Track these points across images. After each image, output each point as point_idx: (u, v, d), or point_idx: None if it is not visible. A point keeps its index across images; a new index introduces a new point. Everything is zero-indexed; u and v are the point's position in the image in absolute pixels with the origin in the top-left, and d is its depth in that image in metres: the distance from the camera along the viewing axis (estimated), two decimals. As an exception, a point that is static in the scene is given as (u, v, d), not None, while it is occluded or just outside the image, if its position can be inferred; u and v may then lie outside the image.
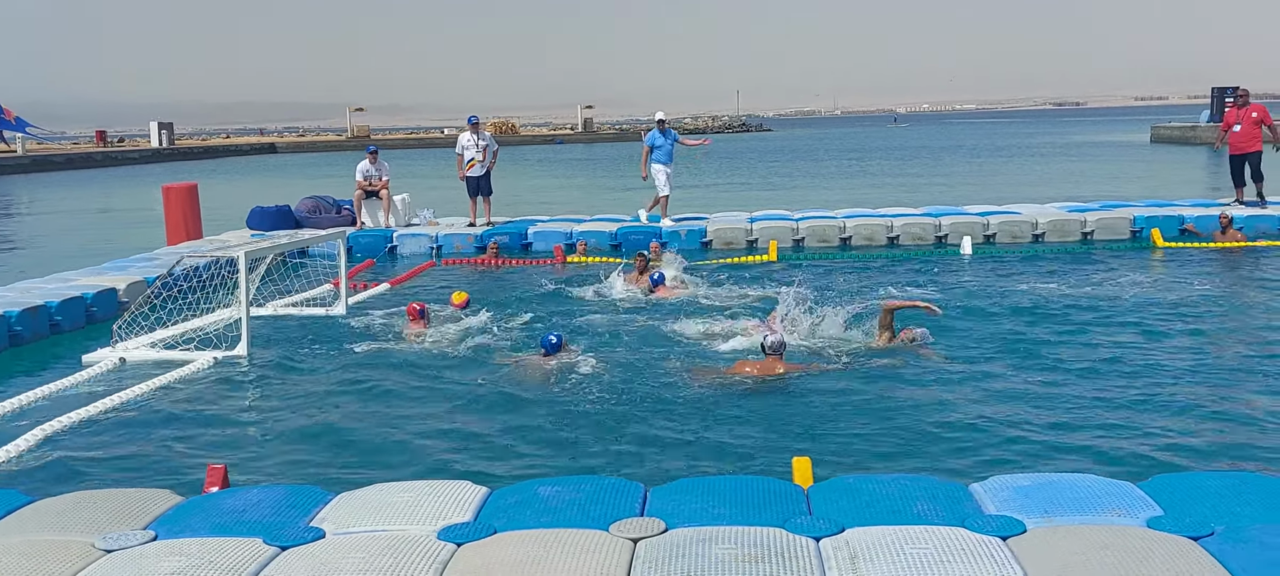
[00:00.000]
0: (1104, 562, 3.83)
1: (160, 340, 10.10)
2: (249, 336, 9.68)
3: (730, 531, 4.22)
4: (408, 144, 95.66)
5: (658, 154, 17.35)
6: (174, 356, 9.49)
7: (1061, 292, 11.32)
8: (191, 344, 9.86)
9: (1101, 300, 10.99)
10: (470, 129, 17.76)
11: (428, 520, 4.50)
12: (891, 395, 7.64)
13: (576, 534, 4.25)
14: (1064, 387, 7.68)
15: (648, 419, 7.31)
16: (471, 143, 17.57)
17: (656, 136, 17.39)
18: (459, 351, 9.57)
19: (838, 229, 16.31)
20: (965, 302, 11.03)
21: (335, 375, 8.91)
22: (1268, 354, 8.52)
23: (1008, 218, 16.34)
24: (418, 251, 16.72)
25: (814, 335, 9.22)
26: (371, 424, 7.43)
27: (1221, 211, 15.62)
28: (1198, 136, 53.26)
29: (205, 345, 9.80)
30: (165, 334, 10.32)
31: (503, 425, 7.32)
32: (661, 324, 10.37)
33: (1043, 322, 9.95)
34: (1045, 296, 11.07)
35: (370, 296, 12.80)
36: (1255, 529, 4.09)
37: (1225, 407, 7.18)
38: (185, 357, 9.43)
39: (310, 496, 4.86)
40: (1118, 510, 4.35)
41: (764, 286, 12.20)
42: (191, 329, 10.50)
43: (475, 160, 17.48)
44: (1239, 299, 10.79)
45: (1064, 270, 13.14)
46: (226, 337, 9.92)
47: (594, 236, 16.44)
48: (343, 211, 18.39)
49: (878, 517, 4.34)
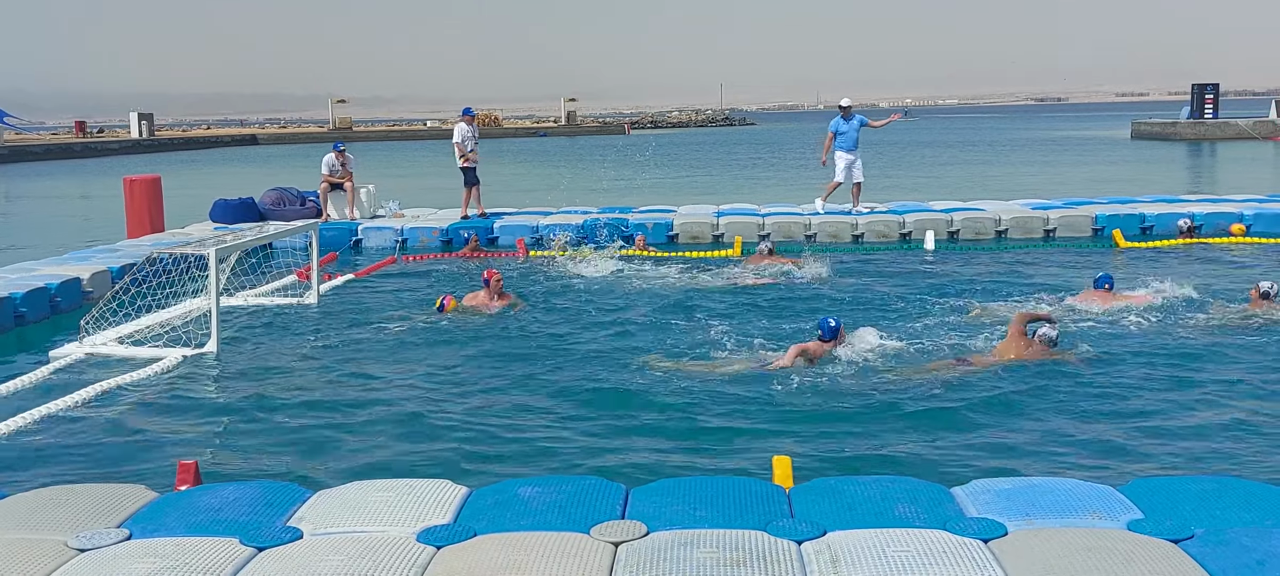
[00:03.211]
0: (1085, 565, 3.83)
1: (128, 336, 9.97)
2: (218, 333, 9.56)
3: (712, 534, 4.20)
4: (391, 136, 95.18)
5: (841, 140, 17.10)
6: (142, 353, 9.36)
7: (1038, 292, 11.29)
8: (160, 341, 9.73)
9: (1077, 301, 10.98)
10: (467, 121, 17.76)
11: (407, 521, 4.46)
12: (873, 395, 7.63)
13: (557, 537, 4.22)
14: (1044, 390, 7.67)
15: (634, 415, 7.29)
16: (471, 134, 17.54)
17: (840, 122, 17.12)
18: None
19: (803, 225, 16.37)
20: (940, 301, 11.06)
21: (308, 369, 8.83)
22: (1247, 357, 8.54)
23: (971, 214, 16.42)
24: (382, 245, 16.54)
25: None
26: (348, 418, 7.36)
27: (1183, 219, 15.58)
28: (1178, 132, 53.63)
29: (174, 341, 9.67)
30: (132, 328, 10.18)
31: (484, 420, 7.27)
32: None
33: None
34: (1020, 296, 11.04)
35: (333, 288, 12.69)
36: (1235, 532, 4.10)
37: (1205, 411, 7.19)
38: (154, 354, 9.30)
39: (287, 494, 4.81)
40: (1098, 513, 4.36)
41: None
42: (160, 323, 10.37)
43: (476, 150, 17.47)
44: (1218, 300, 10.81)
45: (1034, 269, 13.14)
46: (195, 333, 9.78)
47: (561, 228, 16.38)
48: (308, 203, 18.22)
49: (859, 520, 4.33)
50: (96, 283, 11.88)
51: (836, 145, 17.08)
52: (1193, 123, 53.37)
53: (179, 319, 10.48)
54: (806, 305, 11.04)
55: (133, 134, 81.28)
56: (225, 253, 10.43)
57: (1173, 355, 8.58)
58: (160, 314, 10.73)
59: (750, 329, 9.85)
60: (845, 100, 17.26)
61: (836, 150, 17.09)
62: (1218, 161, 38.91)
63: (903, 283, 12.37)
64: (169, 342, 9.65)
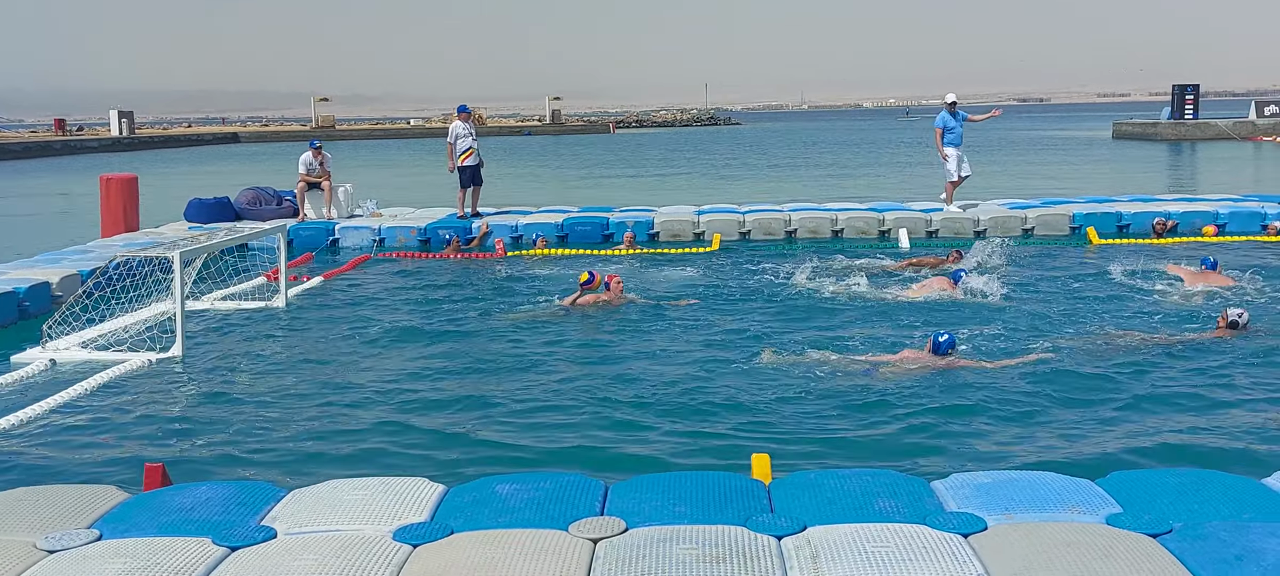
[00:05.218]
0: (1064, 559, 3.82)
1: (92, 340, 9.81)
2: (184, 335, 9.44)
3: (691, 530, 4.17)
4: (373, 134, 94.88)
5: (950, 137, 16.97)
6: (107, 357, 9.22)
7: (1014, 290, 11.31)
8: (124, 345, 9.58)
9: (1054, 297, 11.02)
10: (461, 118, 17.47)
11: (383, 520, 4.41)
12: (852, 388, 7.63)
13: (535, 534, 4.18)
14: (1023, 384, 7.69)
15: (613, 412, 7.26)
16: (466, 131, 17.24)
17: (948, 118, 17.00)
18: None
19: (783, 222, 16.40)
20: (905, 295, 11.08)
21: (277, 370, 8.73)
22: (1224, 353, 8.57)
23: (949, 214, 16.46)
24: (360, 244, 16.36)
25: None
26: (321, 419, 7.29)
27: (1158, 218, 15.65)
28: (1158, 133, 53.97)
29: (139, 344, 9.54)
30: (97, 332, 10.02)
31: (460, 418, 7.23)
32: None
33: (995, 319, 9.93)
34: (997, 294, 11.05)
35: (306, 289, 12.58)
36: (1213, 526, 4.10)
37: (1183, 405, 7.22)
38: (118, 357, 9.15)
39: (261, 493, 4.75)
40: (1077, 507, 4.35)
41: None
42: (125, 326, 10.22)
43: (472, 149, 17.22)
44: (1197, 296, 10.87)
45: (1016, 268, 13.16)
46: (161, 336, 9.64)
47: (540, 228, 16.31)
48: (284, 203, 18.03)
49: (839, 515, 4.31)
50: (66, 286, 11.60)
51: (946, 142, 16.95)
52: (1173, 123, 53.71)
53: (145, 322, 10.31)
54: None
55: (113, 132, 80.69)
56: (190, 255, 10.27)
57: (1152, 352, 8.60)
58: (126, 317, 10.54)
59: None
60: (951, 96, 17.17)
61: (946, 147, 16.96)
62: (1197, 161, 39.15)
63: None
64: (134, 346, 9.49)
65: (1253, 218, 15.97)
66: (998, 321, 9.82)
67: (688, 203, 19.72)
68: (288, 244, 12.63)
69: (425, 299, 11.90)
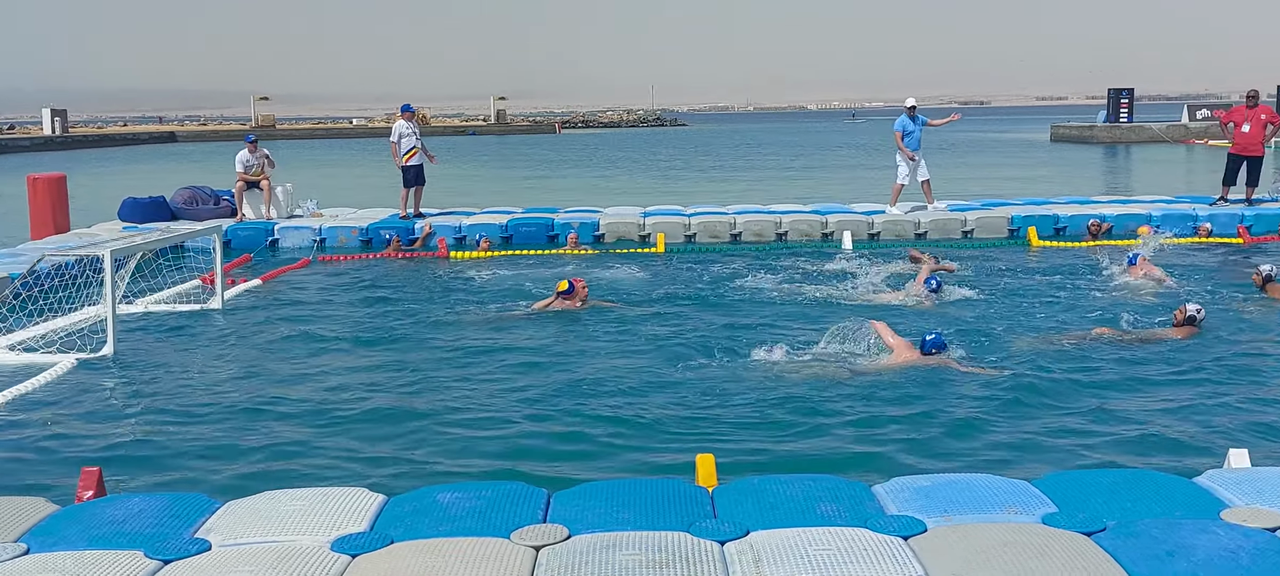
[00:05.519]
0: (1002, 560, 3.87)
1: (20, 342, 9.55)
2: (115, 336, 9.23)
3: (634, 536, 4.16)
4: (315, 134, 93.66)
5: (908, 140, 17.09)
6: (35, 361, 8.98)
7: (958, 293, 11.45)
8: (54, 346, 9.35)
9: (993, 300, 11.16)
10: (405, 117, 17.30)
11: (321, 530, 4.34)
12: (797, 394, 7.66)
13: (477, 543, 4.14)
14: (961, 387, 7.78)
15: (556, 418, 7.22)
16: (410, 130, 17.08)
17: (907, 122, 17.11)
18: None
19: (728, 225, 16.49)
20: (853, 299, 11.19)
21: (213, 376, 8.56)
22: (1158, 354, 8.75)
23: (891, 217, 16.67)
24: (300, 244, 16.14)
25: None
26: (258, 426, 7.16)
27: (1093, 219, 15.98)
28: (1094, 136, 55.08)
29: (69, 346, 9.31)
30: (25, 335, 9.76)
31: (401, 425, 7.13)
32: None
33: (931, 321, 10.00)
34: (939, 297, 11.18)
35: (244, 291, 12.38)
36: (1145, 523, 4.18)
37: (1117, 406, 7.35)
38: (48, 360, 8.92)
39: (195, 505, 4.65)
40: (1014, 508, 4.41)
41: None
42: (56, 329, 9.97)
43: (416, 148, 17.04)
44: (1134, 299, 11.08)
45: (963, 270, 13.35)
46: (92, 339, 9.42)
47: (484, 229, 16.20)
48: (222, 203, 17.75)
49: (782, 519, 4.33)
50: (-4, 286, 11.35)
51: (905, 145, 17.10)
52: (1109, 126, 54.84)
53: (76, 324, 10.07)
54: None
55: (45, 131, 78.75)
56: (122, 255, 10.04)
57: (1087, 353, 8.76)
58: (56, 320, 10.29)
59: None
60: (910, 100, 17.33)
61: (906, 149, 17.11)
62: (1132, 164, 40.02)
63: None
64: (64, 349, 9.25)
65: (1185, 219, 16.36)
66: (947, 324, 9.94)
67: (634, 204, 19.73)
68: (226, 245, 12.39)
69: (367, 302, 11.77)
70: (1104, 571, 3.80)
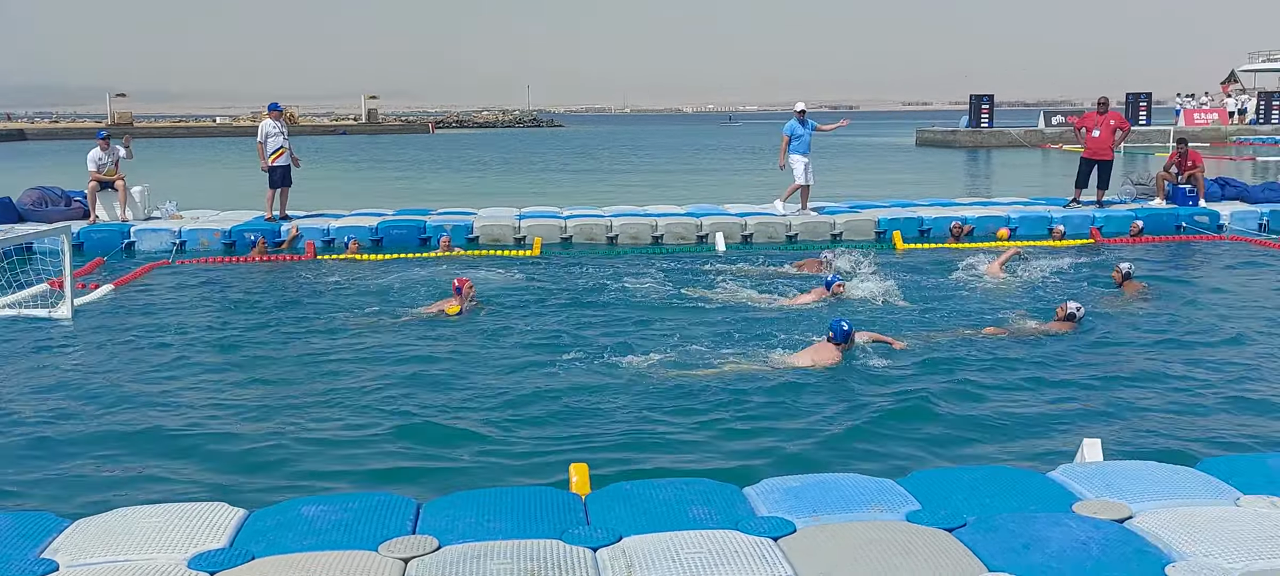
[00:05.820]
0: (868, 557, 3.97)
1: None
2: None
3: (505, 545, 4.11)
4: (176, 132, 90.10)
5: (797, 144, 17.10)
6: None
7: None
8: None
9: (860, 302, 11.42)
10: (272, 116, 16.70)
11: (177, 547, 4.15)
12: (670, 394, 7.71)
13: (343, 556, 4.02)
14: (837, 387, 7.95)
15: (428, 427, 7.09)
16: (277, 130, 16.50)
17: (796, 126, 17.14)
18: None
19: (605, 227, 16.53)
20: (727, 299, 11.35)
21: (62, 386, 8.13)
22: (1021, 351, 9.10)
23: (764, 219, 16.97)
24: (158, 247, 15.46)
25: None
26: (109, 439, 6.83)
27: (955, 222, 16.55)
28: (957, 140, 57.12)
29: None
30: None
31: (263, 436, 6.89)
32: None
33: (798, 326, 10.07)
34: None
35: (99, 298, 11.81)
36: (1003, 518, 4.34)
37: (987, 401, 7.63)
38: None
39: (40, 524, 4.39)
40: (879, 506, 4.53)
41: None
42: None
43: (283, 148, 16.47)
44: (1001, 300, 11.48)
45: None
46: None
47: (353, 231, 15.85)
48: (73, 204, 16.89)
49: (654, 524, 4.34)
50: None
51: (792, 149, 17.28)
52: (971, 131, 56.92)
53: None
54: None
55: (-126, 126, 73.66)
56: None
57: (954, 350, 9.06)
58: None
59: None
60: (800, 104, 17.51)
61: (792, 154, 17.29)
62: (992, 167, 41.65)
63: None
64: None
65: (1040, 221, 17.08)
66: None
67: (509, 205, 19.57)
68: (77, 248, 11.75)
69: (229, 307, 11.36)
70: (964, 566, 3.93)
